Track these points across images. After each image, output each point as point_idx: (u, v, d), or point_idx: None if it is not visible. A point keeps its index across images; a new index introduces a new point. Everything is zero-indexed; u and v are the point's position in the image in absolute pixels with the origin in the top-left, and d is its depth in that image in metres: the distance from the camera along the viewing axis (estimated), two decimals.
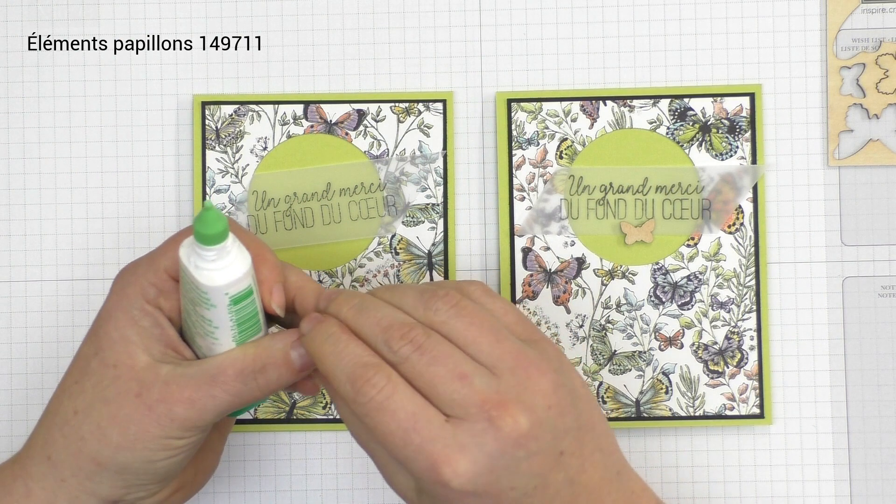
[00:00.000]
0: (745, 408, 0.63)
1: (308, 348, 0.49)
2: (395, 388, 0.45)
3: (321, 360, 0.48)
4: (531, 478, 0.46)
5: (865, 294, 0.64)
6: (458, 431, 0.45)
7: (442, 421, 0.45)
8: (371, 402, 0.45)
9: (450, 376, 0.45)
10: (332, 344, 0.47)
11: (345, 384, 0.46)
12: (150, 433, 0.49)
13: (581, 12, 0.65)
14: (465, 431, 0.45)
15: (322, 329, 0.48)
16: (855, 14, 0.64)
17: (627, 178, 0.64)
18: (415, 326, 0.47)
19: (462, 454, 0.45)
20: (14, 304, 0.65)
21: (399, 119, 0.64)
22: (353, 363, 0.46)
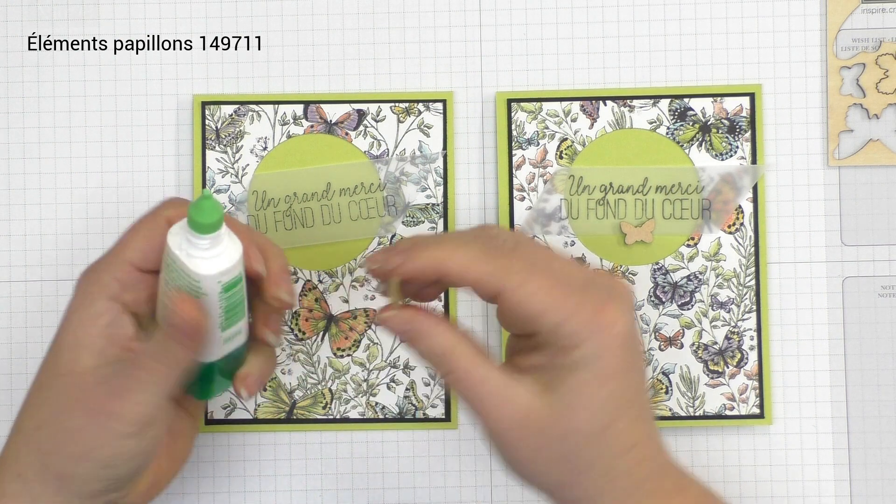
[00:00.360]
0: (745, 408, 0.63)
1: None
2: (529, 277, 0.47)
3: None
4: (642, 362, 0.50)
5: (865, 294, 0.64)
6: (595, 290, 0.47)
7: (578, 286, 0.47)
8: (513, 290, 0.47)
9: (561, 255, 0.48)
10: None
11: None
12: (99, 441, 0.48)
13: (581, 12, 0.65)
14: (602, 288, 0.47)
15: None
16: (855, 14, 0.64)
17: (627, 178, 0.64)
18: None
19: (613, 302, 0.47)
20: (14, 304, 0.64)
21: (399, 119, 0.64)
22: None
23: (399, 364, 0.64)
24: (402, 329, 0.50)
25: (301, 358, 0.64)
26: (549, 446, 0.48)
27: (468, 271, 0.47)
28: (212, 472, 0.64)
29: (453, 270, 0.47)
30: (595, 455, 0.48)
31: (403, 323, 0.49)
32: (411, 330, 0.49)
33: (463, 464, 0.64)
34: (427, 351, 0.49)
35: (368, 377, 0.64)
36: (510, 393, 0.48)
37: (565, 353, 0.47)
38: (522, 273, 0.47)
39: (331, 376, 0.64)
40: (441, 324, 0.49)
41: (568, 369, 0.47)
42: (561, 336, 0.47)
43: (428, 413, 0.64)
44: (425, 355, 0.50)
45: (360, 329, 0.64)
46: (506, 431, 0.48)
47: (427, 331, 0.49)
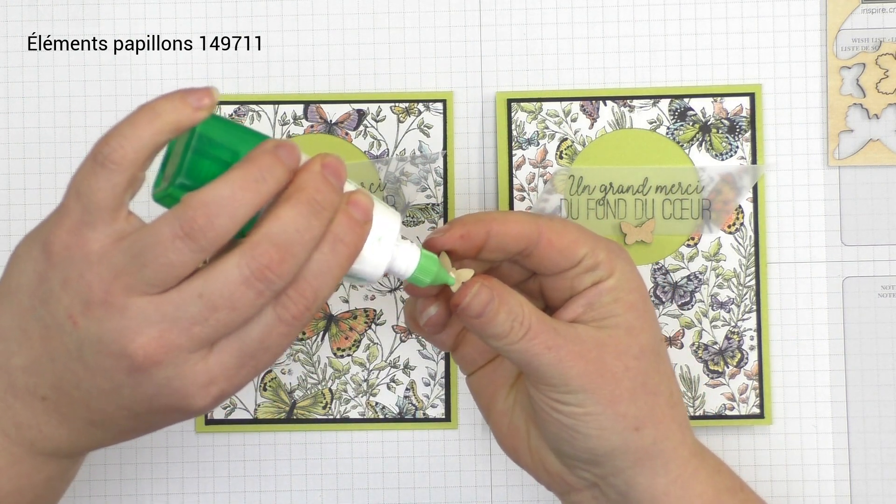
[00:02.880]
0: (745, 408, 0.63)
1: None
2: (553, 220, 0.52)
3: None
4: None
5: (865, 294, 0.64)
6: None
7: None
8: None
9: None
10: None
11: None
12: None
13: (581, 12, 0.65)
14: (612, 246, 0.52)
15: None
16: (855, 14, 0.64)
17: (627, 178, 0.64)
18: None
19: (607, 239, 0.52)
20: None
21: (399, 119, 0.64)
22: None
23: (399, 364, 0.64)
24: (488, 299, 0.49)
25: (301, 358, 0.64)
26: (628, 370, 0.50)
27: (509, 220, 0.50)
28: (212, 472, 0.64)
29: (496, 226, 0.49)
30: (661, 373, 0.51)
31: (488, 293, 0.49)
32: (494, 298, 0.49)
33: (463, 464, 0.64)
34: (507, 316, 0.49)
35: (368, 377, 0.64)
36: (579, 334, 0.50)
37: (606, 280, 0.50)
38: (546, 217, 0.51)
39: (331, 376, 0.64)
40: (504, 284, 0.50)
41: (613, 296, 0.50)
42: (600, 260, 0.50)
43: (428, 413, 0.64)
44: (503, 323, 0.49)
45: (360, 329, 0.64)
46: (590, 369, 0.49)
47: (504, 292, 0.49)
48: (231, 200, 0.43)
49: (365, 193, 0.46)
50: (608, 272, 0.50)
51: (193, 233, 0.43)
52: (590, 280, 0.50)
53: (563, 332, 0.49)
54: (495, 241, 0.50)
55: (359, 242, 0.46)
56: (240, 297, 0.43)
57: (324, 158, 0.45)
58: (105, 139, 0.44)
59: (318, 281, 0.44)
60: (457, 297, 0.49)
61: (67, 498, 0.64)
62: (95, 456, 0.64)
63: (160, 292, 0.43)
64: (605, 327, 0.50)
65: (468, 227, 0.50)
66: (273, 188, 0.44)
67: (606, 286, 0.50)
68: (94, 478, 0.64)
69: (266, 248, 0.43)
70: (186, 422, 0.64)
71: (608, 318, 0.50)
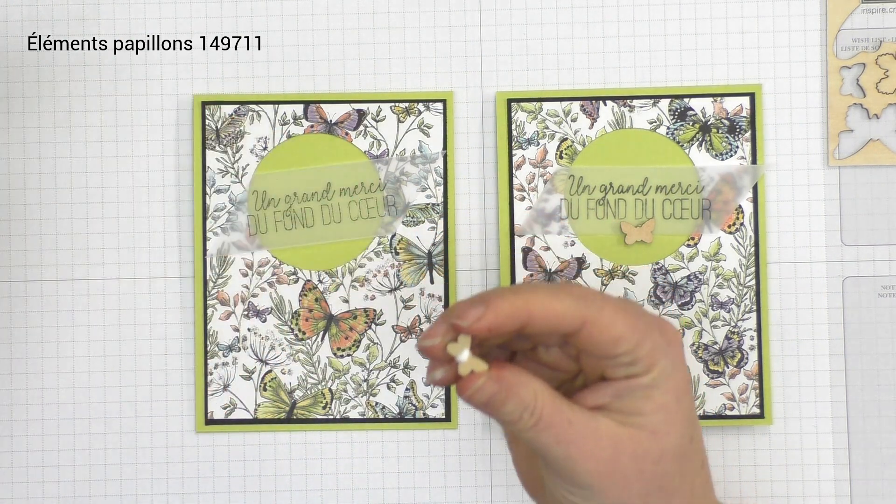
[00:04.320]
0: (745, 408, 0.63)
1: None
2: (604, 304, 0.48)
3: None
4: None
5: (865, 294, 0.64)
6: (646, 314, 0.48)
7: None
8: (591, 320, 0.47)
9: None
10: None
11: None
12: None
13: (581, 12, 0.65)
14: (647, 312, 0.49)
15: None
16: (855, 14, 0.64)
17: (627, 178, 0.64)
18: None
19: (664, 322, 0.49)
20: (14, 304, 0.64)
21: (399, 119, 0.64)
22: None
23: (399, 364, 0.64)
24: (493, 392, 0.46)
25: (301, 358, 0.64)
26: (642, 474, 0.47)
27: (552, 307, 0.46)
28: (212, 472, 0.64)
29: (537, 310, 0.46)
30: (683, 474, 0.48)
31: (494, 386, 0.46)
32: (502, 390, 0.46)
33: (463, 464, 0.64)
34: (516, 406, 0.47)
35: (368, 377, 0.64)
36: (597, 429, 0.47)
37: (641, 377, 0.47)
38: (598, 301, 0.47)
39: (331, 376, 0.64)
40: (522, 371, 0.47)
41: (644, 394, 0.47)
42: (639, 358, 0.47)
43: (428, 413, 0.64)
44: (512, 412, 0.47)
45: (360, 329, 0.64)
46: (601, 469, 0.47)
47: (515, 384, 0.47)
48: None
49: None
50: (645, 369, 0.47)
51: None
52: (623, 373, 0.47)
53: (579, 426, 0.47)
54: (531, 330, 0.47)
55: None
56: None
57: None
58: None
59: None
60: (460, 386, 0.47)
61: (67, 498, 0.64)
62: (95, 455, 0.64)
63: None
64: (628, 425, 0.47)
65: (498, 320, 0.46)
66: None
67: (639, 383, 0.47)
68: (94, 478, 0.64)
69: None
70: (186, 422, 0.64)
71: (634, 415, 0.47)
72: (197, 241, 0.64)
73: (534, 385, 0.47)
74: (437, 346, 0.47)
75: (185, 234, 0.65)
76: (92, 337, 0.64)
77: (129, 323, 0.64)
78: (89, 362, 0.64)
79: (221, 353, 0.64)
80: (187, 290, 0.64)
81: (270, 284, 0.64)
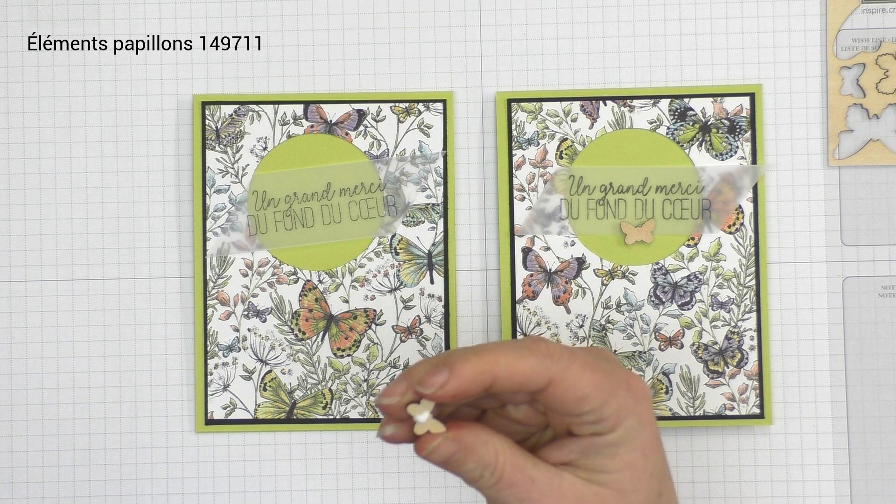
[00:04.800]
0: (745, 408, 0.63)
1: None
2: (570, 362, 0.47)
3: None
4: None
5: (865, 294, 0.64)
6: (613, 367, 0.48)
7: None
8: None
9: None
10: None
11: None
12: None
13: (581, 12, 0.65)
14: (615, 364, 0.49)
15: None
16: (855, 14, 0.64)
17: (627, 178, 0.64)
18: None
19: (632, 375, 0.48)
20: (14, 304, 0.65)
21: (399, 119, 0.64)
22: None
23: (399, 364, 0.64)
24: (451, 452, 0.46)
25: (301, 358, 0.64)
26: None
27: (517, 367, 0.46)
28: (212, 473, 0.64)
29: (501, 372, 0.46)
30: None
31: (451, 447, 0.46)
32: (461, 450, 0.46)
33: None
34: (476, 465, 0.47)
35: (368, 377, 0.64)
36: (560, 487, 0.47)
37: (606, 434, 0.47)
38: (564, 359, 0.47)
39: (331, 376, 0.64)
40: (483, 430, 0.47)
41: (610, 452, 0.47)
42: (605, 416, 0.47)
43: None
44: (472, 471, 0.47)
45: (360, 329, 0.64)
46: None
47: (474, 444, 0.47)
48: None
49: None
50: (611, 427, 0.47)
51: None
52: (589, 430, 0.47)
53: (542, 484, 0.47)
54: (495, 391, 0.47)
55: None
56: None
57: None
58: None
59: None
60: (417, 445, 0.46)
61: (67, 498, 0.64)
62: (95, 455, 0.64)
63: None
64: (594, 482, 0.47)
65: (462, 386, 0.45)
66: None
67: (604, 440, 0.47)
68: (94, 478, 0.64)
69: None
70: (186, 422, 0.64)
71: (600, 472, 0.47)
72: (197, 241, 0.64)
73: (495, 443, 0.47)
74: (396, 406, 0.46)
75: (185, 234, 0.65)
76: (92, 337, 0.64)
77: (129, 323, 0.64)
78: (89, 362, 0.64)
79: (221, 353, 0.64)
80: (187, 290, 0.64)
81: (270, 284, 0.64)
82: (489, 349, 0.46)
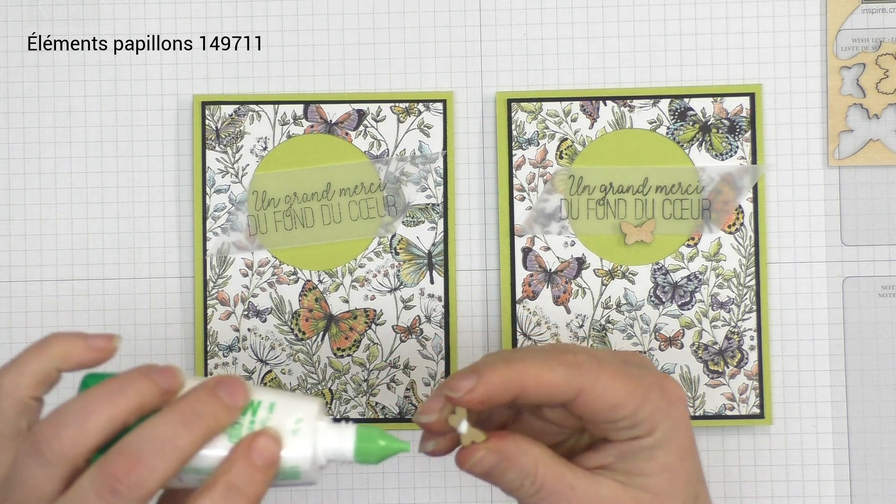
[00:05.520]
0: (745, 408, 0.63)
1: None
2: (600, 370, 0.47)
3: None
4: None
5: (865, 294, 0.64)
6: (647, 371, 0.48)
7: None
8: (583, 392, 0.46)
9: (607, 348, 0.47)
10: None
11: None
12: None
13: (581, 12, 0.65)
14: (649, 368, 0.48)
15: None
16: (855, 14, 0.64)
17: (627, 178, 0.64)
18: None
19: (666, 378, 0.48)
20: (14, 304, 0.65)
21: (399, 119, 0.64)
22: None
23: (399, 364, 0.64)
24: (493, 464, 0.46)
25: (301, 358, 0.64)
26: None
27: (545, 378, 0.46)
28: None
29: (530, 382, 0.46)
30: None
31: (493, 458, 0.46)
32: (502, 461, 0.46)
33: None
34: (517, 475, 0.47)
35: (368, 377, 0.64)
36: (598, 493, 0.47)
37: (643, 438, 0.47)
38: (593, 368, 0.47)
39: (331, 376, 0.64)
40: (522, 439, 0.47)
41: (647, 455, 0.47)
42: (639, 421, 0.47)
43: None
44: (513, 481, 0.47)
45: (360, 329, 0.64)
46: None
47: (515, 454, 0.47)
48: (81, 411, 0.41)
49: (270, 435, 0.43)
50: (647, 431, 0.47)
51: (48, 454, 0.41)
52: (625, 435, 0.47)
53: (581, 492, 0.47)
54: (524, 401, 0.47)
55: (258, 490, 0.42)
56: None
57: (222, 377, 0.43)
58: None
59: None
60: (460, 458, 0.47)
61: None
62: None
63: None
64: (631, 486, 0.47)
65: (490, 392, 0.45)
66: (135, 401, 0.42)
67: (641, 444, 0.47)
68: None
69: (115, 458, 0.40)
70: None
71: (637, 475, 0.47)
72: (197, 241, 0.64)
73: (534, 452, 0.47)
74: (436, 422, 0.47)
75: (185, 234, 0.65)
76: None
77: (129, 323, 0.64)
78: None
79: (221, 353, 0.64)
80: (187, 290, 0.64)
81: (270, 284, 0.64)
82: (518, 357, 0.47)
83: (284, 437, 0.43)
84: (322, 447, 0.43)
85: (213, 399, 0.42)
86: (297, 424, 0.43)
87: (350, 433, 0.44)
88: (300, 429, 0.43)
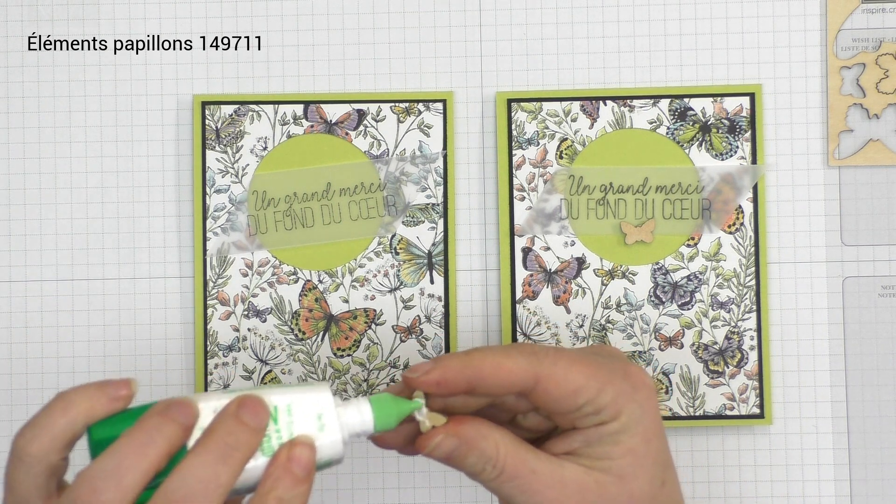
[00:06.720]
0: (745, 408, 0.63)
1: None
2: (558, 358, 0.47)
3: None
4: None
5: (865, 294, 0.64)
6: (611, 359, 0.49)
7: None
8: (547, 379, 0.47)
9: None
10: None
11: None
12: None
13: (581, 12, 0.65)
14: (614, 356, 0.49)
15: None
16: (855, 14, 0.64)
17: (627, 178, 0.64)
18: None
19: (630, 364, 0.49)
20: (14, 304, 0.65)
21: (399, 119, 0.64)
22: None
23: (399, 364, 0.64)
24: (452, 448, 0.47)
25: (301, 358, 0.64)
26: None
27: (503, 364, 0.47)
28: None
29: (488, 368, 0.46)
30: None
31: (452, 442, 0.47)
32: (461, 445, 0.47)
33: None
34: (478, 459, 0.47)
35: (368, 377, 0.64)
36: (561, 477, 0.47)
37: (609, 423, 0.47)
38: (551, 356, 0.47)
39: (331, 376, 0.64)
40: (483, 424, 0.47)
41: (612, 440, 0.47)
42: (603, 406, 0.47)
43: None
44: (474, 465, 0.47)
45: (360, 329, 0.64)
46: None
47: (475, 438, 0.47)
48: (116, 471, 0.41)
49: (304, 442, 0.44)
50: (612, 415, 0.47)
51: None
52: (591, 422, 0.47)
53: (544, 475, 0.47)
54: (482, 388, 0.47)
55: (306, 498, 0.43)
56: None
57: (241, 399, 0.44)
58: (21, 431, 0.44)
59: None
60: (419, 443, 0.47)
61: None
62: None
63: None
64: (596, 469, 0.47)
65: (446, 374, 0.46)
66: (165, 447, 0.42)
67: (608, 429, 0.47)
68: None
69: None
70: None
71: (602, 459, 0.47)
72: (197, 241, 0.64)
73: (495, 436, 0.47)
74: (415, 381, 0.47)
75: (185, 234, 0.65)
76: (92, 337, 0.64)
77: (129, 323, 0.64)
78: (89, 362, 0.64)
79: (221, 353, 0.64)
80: (187, 290, 0.64)
81: (270, 284, 0.64)
82: (478, 349, 0.48)
83: (315, 437, 0.44)
84: (346, 430, 0.45)
85: (241, 427, 0.43)
86: (321, 420, 0.45)
87: (366, 408, 0.46)
88: (325, 423, 0.45)
